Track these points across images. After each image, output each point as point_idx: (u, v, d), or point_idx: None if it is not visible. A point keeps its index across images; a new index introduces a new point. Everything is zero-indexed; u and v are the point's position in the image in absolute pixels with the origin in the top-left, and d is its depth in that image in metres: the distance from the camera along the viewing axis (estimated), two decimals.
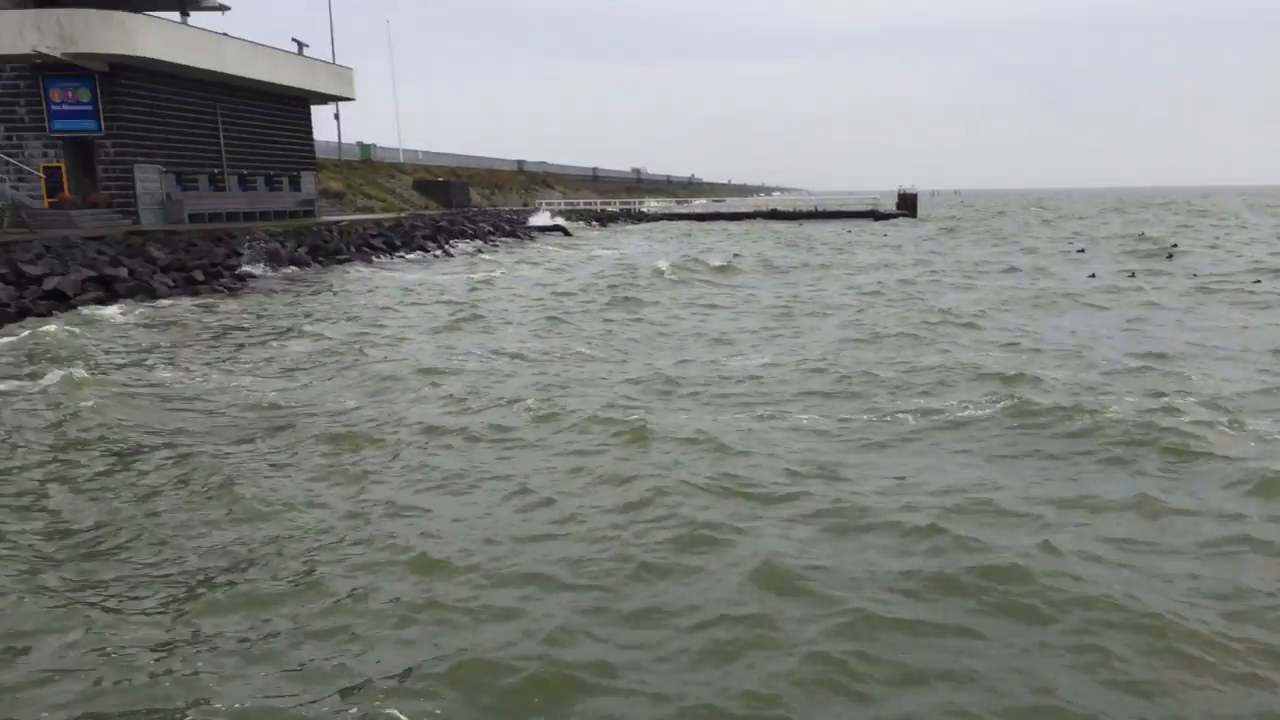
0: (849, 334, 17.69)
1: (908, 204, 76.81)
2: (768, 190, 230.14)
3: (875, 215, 75.44)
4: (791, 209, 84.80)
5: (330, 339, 17.25)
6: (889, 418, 11.04)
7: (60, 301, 20.70)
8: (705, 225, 72.13)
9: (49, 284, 21.04)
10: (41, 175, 33.39)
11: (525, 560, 7.10)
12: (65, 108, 33.67)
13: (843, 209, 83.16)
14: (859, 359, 14.83)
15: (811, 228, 65.10)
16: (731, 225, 71.54)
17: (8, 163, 33.34)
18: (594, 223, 73.04)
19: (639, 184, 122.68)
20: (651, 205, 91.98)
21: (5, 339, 16.61)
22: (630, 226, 71.70)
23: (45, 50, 31.81)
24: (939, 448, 9.89)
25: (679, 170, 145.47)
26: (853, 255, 39.04)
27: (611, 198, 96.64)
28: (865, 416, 11.15)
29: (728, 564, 6.93)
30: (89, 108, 33.72)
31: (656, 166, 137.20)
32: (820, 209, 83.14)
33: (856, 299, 23.31)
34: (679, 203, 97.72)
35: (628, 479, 8.72)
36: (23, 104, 33.59)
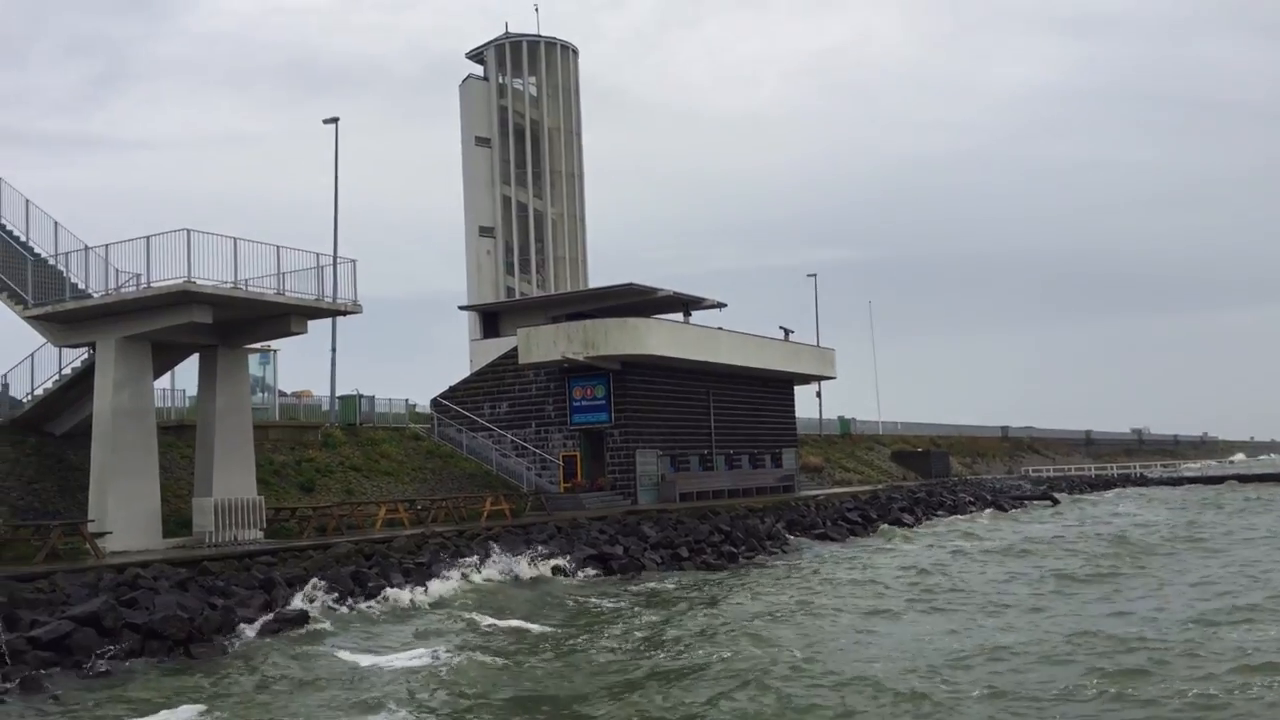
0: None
1: None
2: None
3: None
4: None
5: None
6: None
7: (562, 578, 23.74)
8: (1212, 489, 65.31)
9: (556, 562, 24.30)
10: (560, 463, 38.83)
11: None
12: (584, 403, 39.29)
13: None
14: None
15: None
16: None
17: (535, 453, 39.25)
18: (1086, 489, 69.74)
19: (1140, 445, 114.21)
20: (1158, 469, 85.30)
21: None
22: (1127, 491, 66.96)
23: (571, 355, 37.71)
24: None
25: (1188, 429, 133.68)
26: None
27: (1107, 462, 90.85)
28: None
29: None
30: (603, 402, 39.05)
31: (1160, 426, 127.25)
32: None
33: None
34: (1185, 465, 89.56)
35: None
36: (550, 402, 39.79)
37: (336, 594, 19.63)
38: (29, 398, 27.29)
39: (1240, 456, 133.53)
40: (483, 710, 12.56)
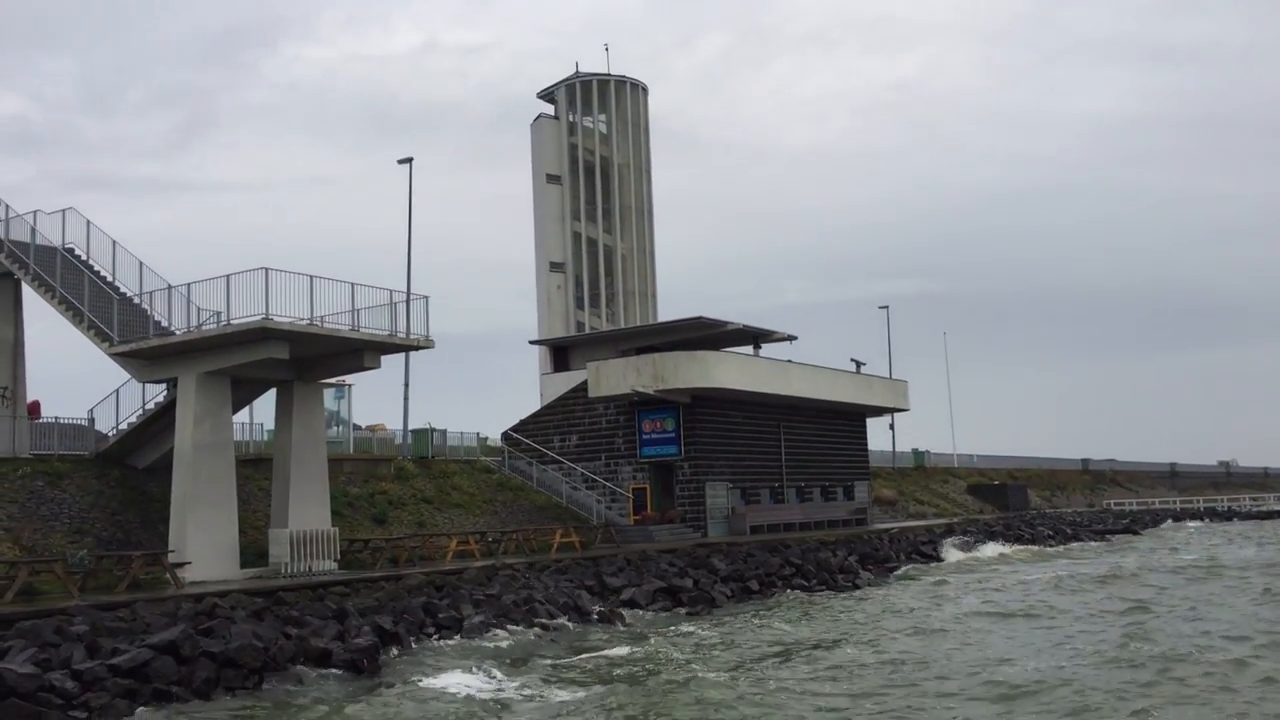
0: None
1: None
2: None
3: None
4: None
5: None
6: None
7: (633, 610, 23.69)
8: None
9: (626, 594, 24.28)
10: (630, 496, 38.82)
11: None
12: (653, 436, 39.31)
13: None
14: None
15: None
16: None
17: (604, 486, 39.32)
18: (1169, 520, 68.23)
19: (1228, 478, 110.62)
20: (1246, 502, 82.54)
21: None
22: (1215, 525, 65.01)
23: (641, 389, 37.79)
24: None
25: (1277, 462, 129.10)
26: None
27: (1193, 495, 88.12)
28: None
29: None
30: (672, 435, 39.04)
31: (1249, 459, 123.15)
32: None
33: None
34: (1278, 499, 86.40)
35: None
36: (620, 435, 39.89)
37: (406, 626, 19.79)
38: (114, 432, 28.13)
39: None
40: None
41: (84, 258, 28.50)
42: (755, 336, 44.24)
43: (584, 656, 18.52)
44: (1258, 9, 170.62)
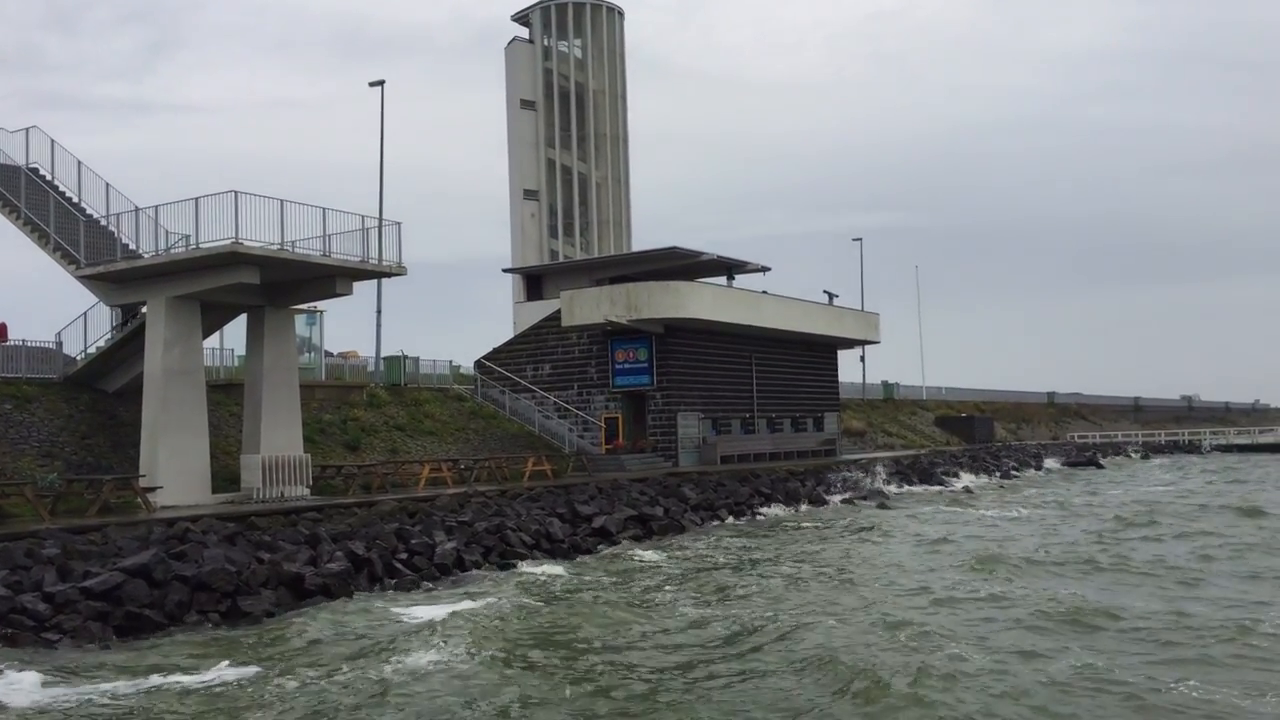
0: None
1: None
2: None
3: None
4: None
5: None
6: None
7: (604, 538, 23.97)
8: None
9: (597, 522, 24.51)
10: (602, 425, 39.02)
11: None
12: (626, 366, 39.40)
13: None
14: None
15: None
16: None
17: (577, 415, 39.47)
18: (1133, 453, 69.52)
19: (1190, 413, 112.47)
20: (1207, 436, 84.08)
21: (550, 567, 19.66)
22: (1184, 459, 66.27)
23: (615, 318, 37.79)
24: None
25: (1239, 396, 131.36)
26: None
27: (1156, 429, 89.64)
28: None
29: None
30: (645, 365, 39.13)
31: (1211, 393, 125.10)
32: None
33: None
34: (1239, 432, 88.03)
35: None
36: (593, 365, 39.95)
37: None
38: (83, 355, 27.88)
39: None
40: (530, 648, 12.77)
41: (49, 178, 27.94)
42: (729, 267, 44.20)
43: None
44: None
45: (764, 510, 31.04)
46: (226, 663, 12.79)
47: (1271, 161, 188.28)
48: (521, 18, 57.17)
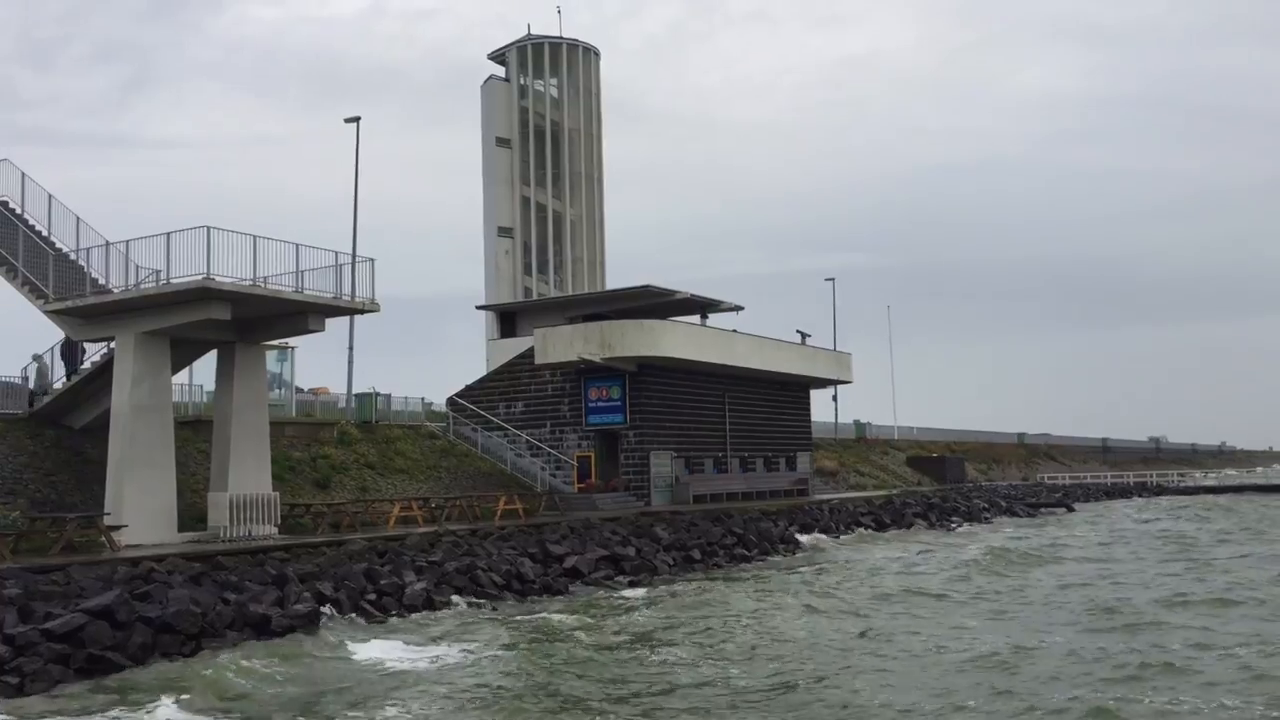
0: None
1: None
2: None
3: None
4: None
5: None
6: None
7: (576, 578, 23.79)
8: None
9: (569, 562, 24.36)
10: (575, 464, 38.86)
11: None
12: (599, 404, 39.32)
13: None
14: None
15: None
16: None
17: (550, 453, 39.30)
18: (1103, 496, 69.63)
19: (1157, 454, 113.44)
20: (1174, 477, 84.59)
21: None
22: (1153, 501, 66.52)
23: (588, 356, 37.73)
24: None
25: (1205, 438, 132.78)
26: None
27: (1124, 470, 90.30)
28: None
29: None
30: (618, 403, 39.06)
31: (1178, 435, 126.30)
32: None
33: None
34: (1206, 474, 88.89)
35: None
36: (566, 403, 39.86)
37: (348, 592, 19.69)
38: (49, 391, 27.49)
39: (1259, 468, 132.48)
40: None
41: (18, 211, 27.69)
42: (702, 306, 44.36)
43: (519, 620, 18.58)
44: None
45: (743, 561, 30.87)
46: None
47: (1232, 206, 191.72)
48: (498, 57, 57.51)
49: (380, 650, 16.11)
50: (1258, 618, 18.59)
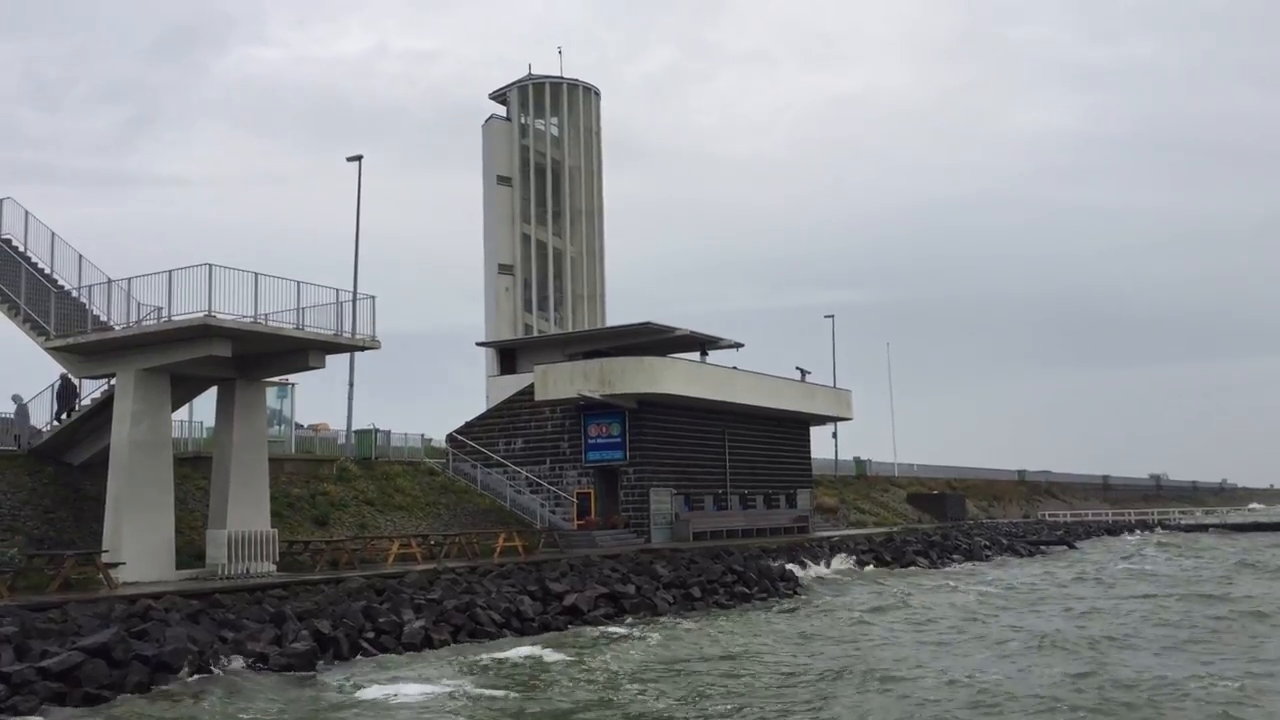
0: None
1: None
2: None
3: None
4: None
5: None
6: None
7: (575, 616, 23.67)
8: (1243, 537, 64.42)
9: (568, 600, 24.23)
10: (574, 501, 38.78)
11: None
12: (599, 441, 39.29)
13: None
14: None
15: None
16: None
17: (550, 490, 39.23)
18: (1104, 534, 69.35)
19: (1158, 492, 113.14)
20: (1175, 515, 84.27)
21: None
22: (1152, 537, 66.26)
23: (588, 393, 37.76)
24: None
25: (1206, 476, 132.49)
26: None
27: (1125, 507, 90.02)
28: None
29: None
30: (618, 440, 39.04)
31: (1179, 472, 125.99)
32: None
33: None
34: (1206, 512, 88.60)
35: None
36: (566, 440, 39.83)
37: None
38: (48, 427, 27.51)
39: (1257, 505, 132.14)
40: None
41: (21, 249, 27.84)
42: (702, 343, 44.45)
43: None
44: (1187, 38, 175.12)
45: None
46: None
47: (1226, 242, 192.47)
48: (499, 96, 57.97)
49: (378, 690, 16.00)
50: None
